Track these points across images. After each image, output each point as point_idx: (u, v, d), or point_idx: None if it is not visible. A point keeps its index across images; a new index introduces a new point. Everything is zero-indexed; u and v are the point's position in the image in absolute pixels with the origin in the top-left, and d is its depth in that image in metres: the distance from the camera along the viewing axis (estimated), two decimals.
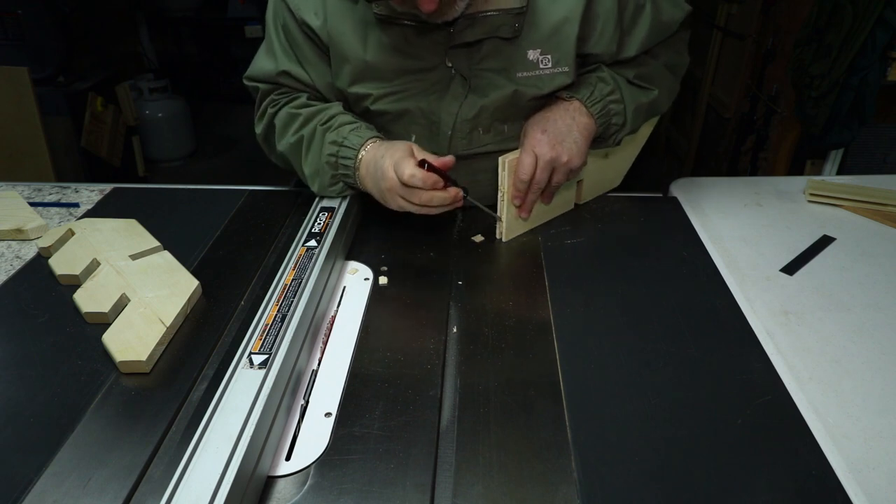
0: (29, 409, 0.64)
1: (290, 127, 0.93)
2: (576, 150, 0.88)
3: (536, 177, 0.87)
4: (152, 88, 3.34)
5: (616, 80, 0.92)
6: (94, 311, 0.76)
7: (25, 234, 0.95)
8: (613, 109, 0.91)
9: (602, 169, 1.02)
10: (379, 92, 0.90)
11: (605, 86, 0.91)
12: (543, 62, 0.88)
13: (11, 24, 2.52)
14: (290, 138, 0.93)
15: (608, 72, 0.92)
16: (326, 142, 0.90)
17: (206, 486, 0.50)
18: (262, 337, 0.66)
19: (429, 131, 0.94)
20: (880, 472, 0.59)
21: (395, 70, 0.89)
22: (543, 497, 0.55)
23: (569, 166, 0.88)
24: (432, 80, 0.90)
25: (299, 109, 0.93)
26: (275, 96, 0.97)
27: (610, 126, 0.92)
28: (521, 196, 0.90)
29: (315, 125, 0.91)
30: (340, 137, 0.89)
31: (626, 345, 0.73)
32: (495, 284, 0.85)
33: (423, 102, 0.91)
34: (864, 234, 0.97)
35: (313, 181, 0.93)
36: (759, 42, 2.25)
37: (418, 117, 0.93)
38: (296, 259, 0.79)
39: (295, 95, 0.96)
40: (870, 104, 1.69)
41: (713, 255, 0.90)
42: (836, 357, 0.73)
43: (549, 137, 0.87)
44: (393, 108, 0.92)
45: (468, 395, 0.66)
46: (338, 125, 0.90)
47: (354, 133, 0.88)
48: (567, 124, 0.88)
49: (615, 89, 0.91)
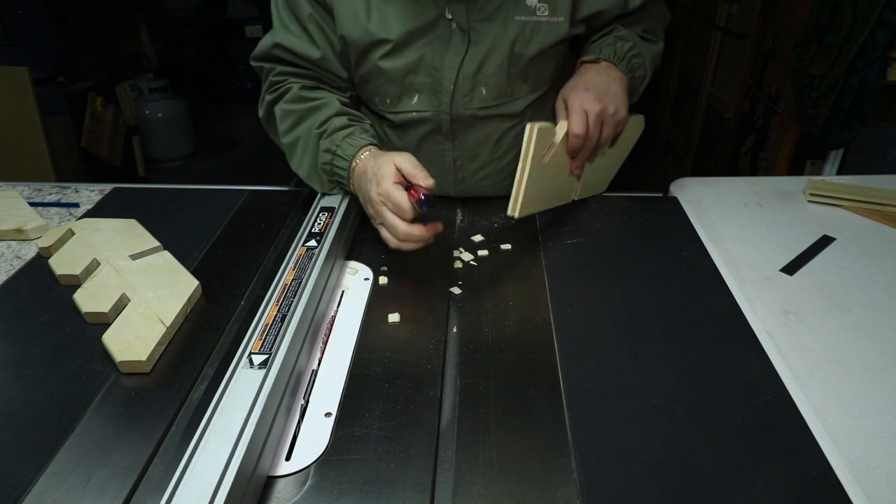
0: (29, 409, 0.64)
1: (285, 123, 0.95)
2: (620, 102, 0.91)
3: (590, 132, 0.88)
4: (152, 88, 3.35)
5: (633, 37, 0.97)
6: (94, 311, 0.76)
7: (25, 234, 0.95)
8: (636, 63, 0.96)
9: (595, 169, 1.02)
10: (384, 49, 0.92)
11: (626, 43, 0.95)
12: (541, 10, 0.91)
13: (11, 24, 2.52)
14: (286, 138, 0.95)
15: (624, 30, 0.98)
16: (321, 149, 0.92)
17: (206, 486, 0.50)
18: (262, 337, 0.66)
19: (431, 89, 0.95)
20: (880, 472, 0.59)
21: (398, 23, 0.90)
22: (543, 497, 0.55)
23: (616, 118, 0.90)
24: (434, 35, 0.92)
25: (294, 105, 0.95)
26: (273, 77, 0.98)
27: (634, 80, 0.97)
28: (575, 152, 0.91)
29: (310, 127, 0.93)
30: (334, 146, 0.90)
31: (626, 345, 0.73)
32: (495, 284, 0.85)
33: (427, 56, 0.92)
34: (864, 234, 0.97)
35: (311, 182, 0.95)
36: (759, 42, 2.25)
37: (422, 74, 0.94)
38: (296, 259, 0.79)
39: (287, 86, 0.97)
40: (870, 104, 1.69)
41: (713, 255, 0.90)
42: (836, 357, 0.73)
43: (593, 94, 0.88)
44: (396, 64, 0.93)
45: (468, 395, 0.66)
46: (332, 131, 0.91)
47: (347, 141, 0.89)
48: (605, 80, 0.91)
49: (635, 44, 0.96)
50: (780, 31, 2.10)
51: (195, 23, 4.01)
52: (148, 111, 3.30)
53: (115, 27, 3.30)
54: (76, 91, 2.66)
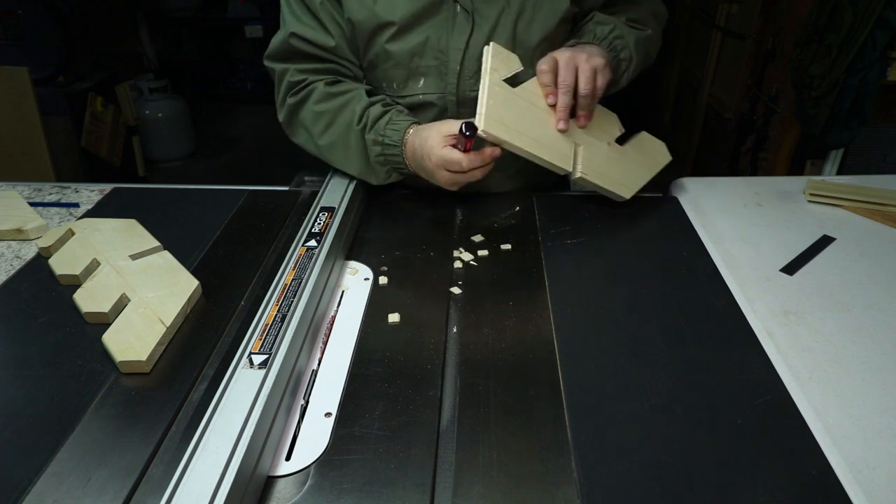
0: (29, 409, 0.64)
1: (319, 124, 0.98)
2: (596, 53, 0.90)
3: (561, 74, 0.87)
4: (152, 88, 3.34)
5: (613, 20, 0.97)
6: (94, 311, 0.76)
7: (25, 234, 0.95)
8: (619, 45, 0.95)
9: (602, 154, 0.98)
10: (390, 31, 0.93)
11: (605, 26, 0.96)
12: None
13: (11, 24, 2.52)
14: (322, 139, 0.98)
15: (602, 15, 0.98)
16: (369, 143, 0.95)
17: (206, 486, 0.50)
18: (262, 337, 0.66)
19: (437, 72, 0.96)
20: (880, 472, 0.59)
21: (402, 5, 0.92)
22: (543, 497, 0.55)
23: (591, 63, 0.88)
24: (439, 17, 0.93)
25: (324, 105, 0.96)
26: (291, 78, 0.98)
27: (620, 62, 0.96)
28: (551, 91, 0.89)
29: (349, 124, 0.95)
30: (379, 136, 0.93)
31: (626, 344, 0.73)
32: (495, 284, 0.85)
33: (432, 38, 0.94)
34: (864, 234, 0.97)
35: (366, 177, 0.98)
36: (759, 42, 2.25)
37: (428, 57, 0.95)
38: (296, 259, 0.79)
39: (312, 86, 0.98)
40: (870, 104, 1.69)
41: (713, 255, 0.90)
42: (836, 357, 0.73)
43: (561, 50, 0.90)
44: (402, 47, 0.94)
45: (468, 395, 0.66)
46: (372, 122, 0.94)
47: (391, 128, 0.93)
48: (584, 49, 0.91)
49: (615, 27, 0.96)
50: (780, 31, 2.10)
51: (195, 23, 4.01)
52: (148, 111, 3.30)
53: (115, 27, 3.30)
54: (76, 91, 2.66)
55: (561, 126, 0.90)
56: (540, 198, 1.05)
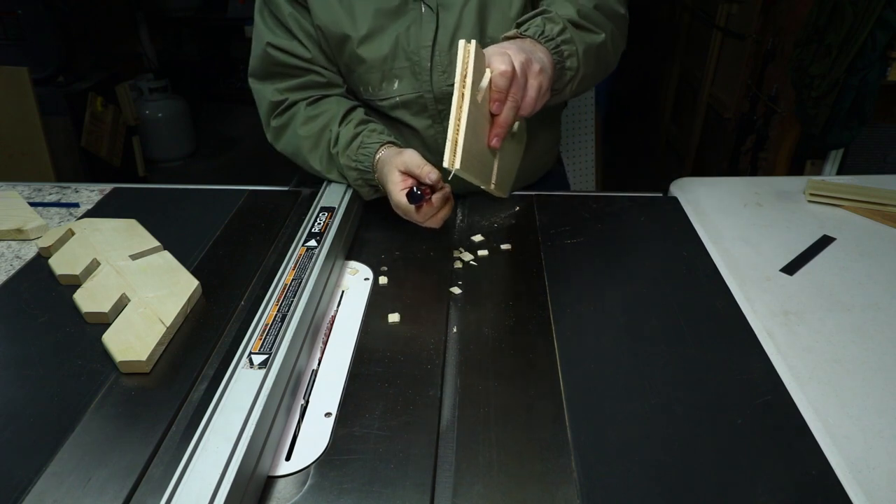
0: (29, 409, 0.64)
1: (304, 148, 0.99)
2: (546, 64, 0.81)
3: (515, 86, 0.75)
4: (152, 88, 3.34)
5: (564, 21, 0.87)
6: (94, 311, 0.76)
7: (25, 234, 0.95)
8: (566, 51, 0.85)
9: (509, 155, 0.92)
10: (359, 34, 0.93)
11: (555, 25, 0.85)
12: None
13: (11, 24, 2.52)
14: (315, 164, 0.99)
15: (555, 12, 0.88)
16: (345, 167, 0.95)
17: (206, 486, 0.50)
18: (262, 337, 0.66)
19: (411, 72, 0.96)
20: (880, 472, 0.59)
21: (366, 8, 0.92)
22: (543, 497, 0.55)
23: (541, 77, 0.79)
24: (405, 17, 0.93)
25: (306, 128, 0.97)
26: (273, 98, 0.98)
27: (564, 71, 0.87)
28: (501, 99, 0.75)
29: (327, 148, 0.96)
30: (352, 161, 0.94)
31: (626, 344, 0.73)
32: (495, 284, 0.85)
33: (402, 39, 0.93)
34: (864, 234, 0.97)
35: (360, 193, 0.98)
36: (759, 42, 2.25)
37: (400, 59, 0.95)
38: (296, 259, 0.79)
39: (293, 109, 0.99)
40: (870, 104, 1.69)
41: (713, 255, 0.90)
42: (836, 357, 0.73)
43: (515, 49, 0.78)
44: (372, 51, 0.94)
45: (468, 395, 0.66)
46: (344, 145, 0.94)
47: (362, 152, 0.93)
48: (529, 47, 0.81)
49: (565, 28, 0.86)
50: (780, 31, 2.10)
51: (195, 23, 4.01)
52: (148, 111, 3.30)
53: (115, 27, 3.30)
54: (76, 91, 2.66)
55: (494, 143, 0.78)
56: (540, 198, 1.06)
